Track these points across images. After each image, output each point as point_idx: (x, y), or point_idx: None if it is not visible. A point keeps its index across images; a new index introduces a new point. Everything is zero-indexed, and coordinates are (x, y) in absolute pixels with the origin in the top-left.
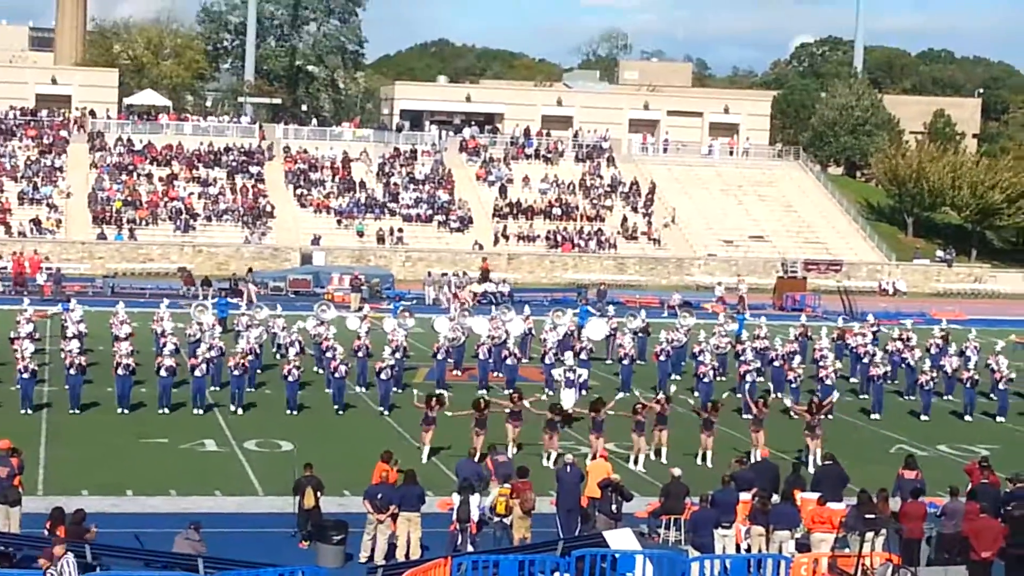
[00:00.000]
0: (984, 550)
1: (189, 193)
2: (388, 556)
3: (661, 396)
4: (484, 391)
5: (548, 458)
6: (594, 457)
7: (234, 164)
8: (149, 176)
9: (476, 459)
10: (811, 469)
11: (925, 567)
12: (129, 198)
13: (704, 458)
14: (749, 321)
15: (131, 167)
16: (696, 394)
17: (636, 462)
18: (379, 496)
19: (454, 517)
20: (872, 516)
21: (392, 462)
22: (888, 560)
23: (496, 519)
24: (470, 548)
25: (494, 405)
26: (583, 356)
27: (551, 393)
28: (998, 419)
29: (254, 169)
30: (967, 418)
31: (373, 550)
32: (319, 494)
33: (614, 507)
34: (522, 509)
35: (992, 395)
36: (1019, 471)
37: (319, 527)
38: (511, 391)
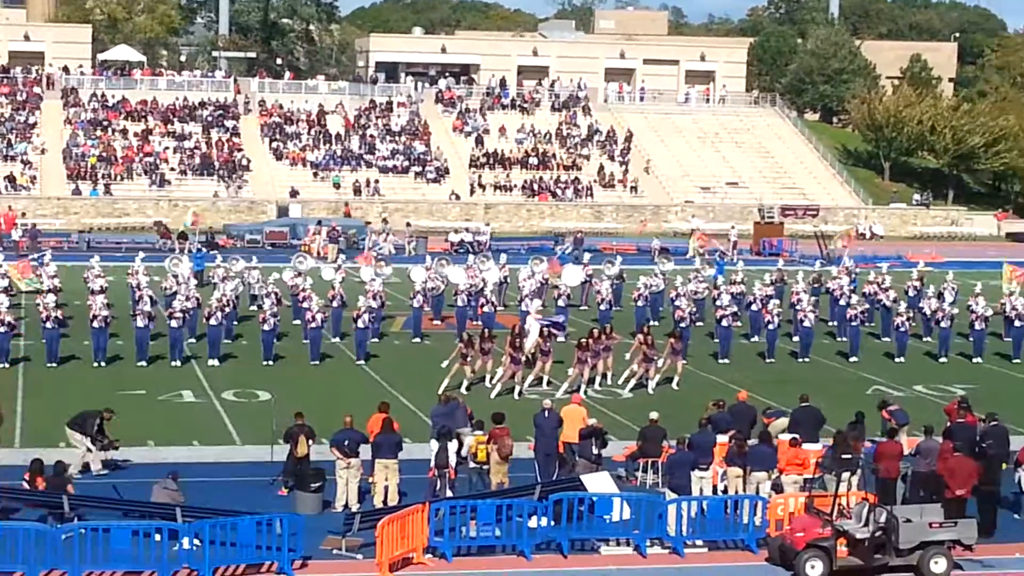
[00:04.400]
0: (958, 488)
1: (164, 148)
2: (361, 501)
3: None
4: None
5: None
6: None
7: (209, 119)
8: (124, 131)
9: (447, 402)
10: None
11: (900, 505)
12: (104, 154)
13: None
14: (728, 267)
15: (105, 123)
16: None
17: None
18: (345, 442)
19: (432, 463)
20: (848, 456)
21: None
22: (864, 499)
23: (473, 465)
24: (449, 494)
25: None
26: (560, 303)
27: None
28: (974, 360)
29: (229, 123)
30: (942, 359)
31: (348, 496)
32: (311, 442)
33: (595, 451)
34: (499, 455)
35: (969, 336)
36: (994, 411)
37: (297, 475)
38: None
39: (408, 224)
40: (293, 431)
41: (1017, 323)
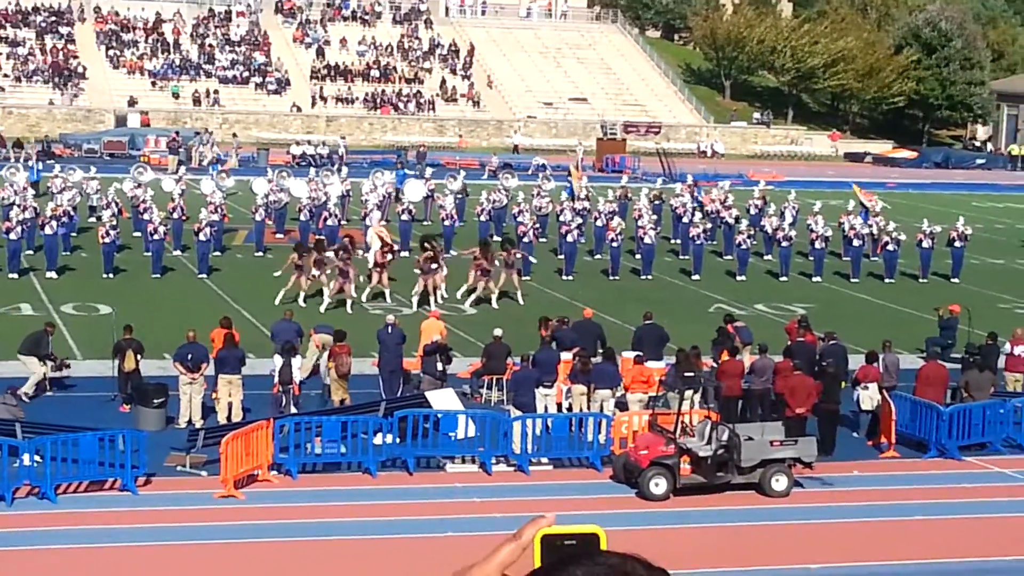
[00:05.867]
0: (798, 406)
1: None
2: (204, 417)
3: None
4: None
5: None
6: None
7: (43, 24)
8: None
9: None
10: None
11: (742, 423)
12: None
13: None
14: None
15: None
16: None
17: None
18: (188, 356)
19: (276, 379)
20: (691, 374)
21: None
22: (707, 417)
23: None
24: (293, 410)
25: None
26: (404, 217)
27: (366, 256)
28: (814, 278)
29: (64, 30)
30: (782, 278)
31: (192, 412)
32: (139, 357)
33: (439, 367)
34: (338, 373)
35: (809, 255)
36: (833, 330)
37: (139, 391)
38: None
39: (234, 135)
40: (121, 345)
41: (856, 242)
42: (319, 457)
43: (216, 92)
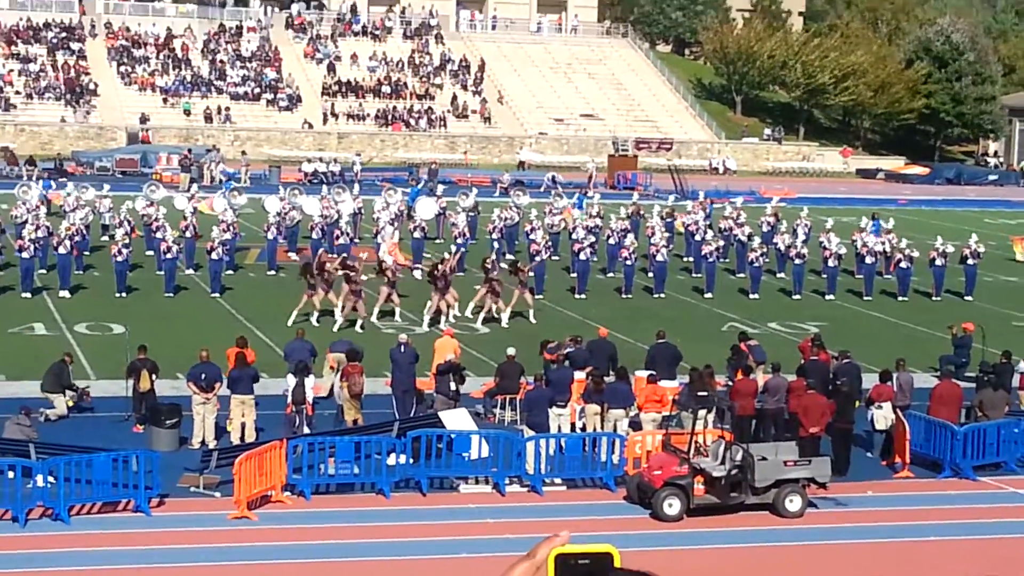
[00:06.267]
0: (812, 425)
1: (8, 70)
2: (218, 437)
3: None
4: None
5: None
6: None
7: (54, 41)
8: None
9: (302, 337)
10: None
11: (755, 443)
12: None
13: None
14: (586, 201)
15: None
16: (531, 274)
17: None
18: (202, 376)
19: (289, 399)
20: (704, 393)
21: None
22: (720, 436)
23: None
24: (307, 430)
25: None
26: (416, 234)
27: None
28: (827, 296)
29: (75, 46)
30: (795, 296)
31: (205, 432)
32: (154, 377)
33: (452, 387)
34: (350, 393)
35: (822, 273)
36: (847, 348)
37: (153, 410)
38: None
39: (243, 153)
40: (136, 365)
41: (869, 260)
42: (332, 478)
43: (227, 109)
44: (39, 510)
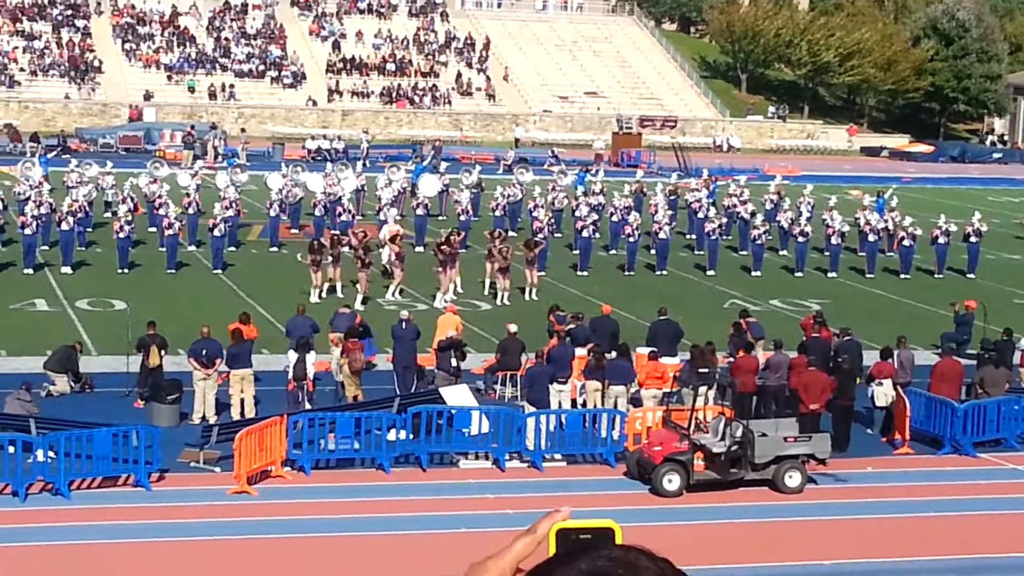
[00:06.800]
0: (812, 402)
1: (13, 47)
2: (218, 413)
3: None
4: None
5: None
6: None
7: (59, 18)
8: None
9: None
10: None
11: (756, 419)
12: None
13: (530, 293)
14: (589, 177)
15: None
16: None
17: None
18: (203, 352)
19: (290, 375)
20: (705, 370)
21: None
22: (721, 413)
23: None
24: (308, 406)
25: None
26: (419, 211)
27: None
28: (829, 274)
29: (80, 23)
30: (798, 274)
31: (206, 408)
32: (163, 352)
33: (453, 363)
34: (351, 369)
35: (825, 251)
36: (848, 325)
37: (154, 386)
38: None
39: (243, 131)
40: (145, 341)
41: (871, 238)
42: (332, 453)
43: (232, 86)
44: (39, 484)
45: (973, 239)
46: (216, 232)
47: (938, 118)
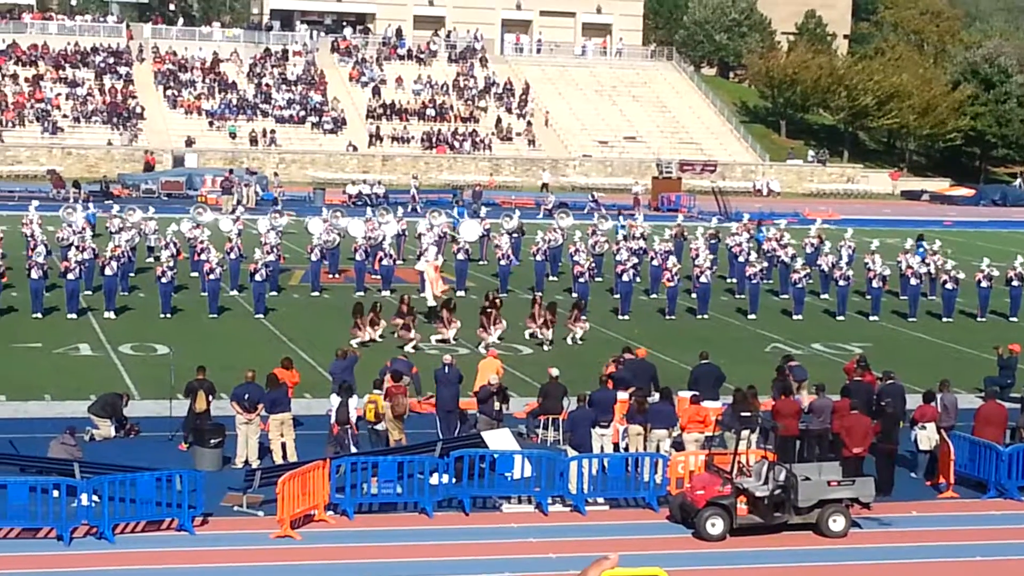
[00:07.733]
0: (855, 446)
1: (56, 94)
2: (261, 457)
3: (538, 295)
4: (361, 292)
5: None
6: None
7: (102, 65)
8: (15, 77)
9: (345, 356)
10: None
11: (799, 463)
12: None
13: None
14: (628, 221)
15: None
16: (574, 294)
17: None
18: (246, 396)
19: (333, 419)
20: (747, 414)
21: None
22: (764, 457)
23: (370, 425)
24: (353, 449)
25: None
26: (460, 256)
27: (423, 295)
28: (871, 317)
29: (122, 70)
30: (839, 317)
31: (248, 452)
32: (210, 398)
33: (496, 407)
34: (393, 413)
35: (867, 294)
36: (890, 369)
37: (197, 431)
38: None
39: (275, 175)
40: (193, 385)
41: (913, 281)
42: (375, 497)
43: (273, 132)
44: (83, 528)
45: (1016, 283)
46: (257, 277)
47: (979, 162)
